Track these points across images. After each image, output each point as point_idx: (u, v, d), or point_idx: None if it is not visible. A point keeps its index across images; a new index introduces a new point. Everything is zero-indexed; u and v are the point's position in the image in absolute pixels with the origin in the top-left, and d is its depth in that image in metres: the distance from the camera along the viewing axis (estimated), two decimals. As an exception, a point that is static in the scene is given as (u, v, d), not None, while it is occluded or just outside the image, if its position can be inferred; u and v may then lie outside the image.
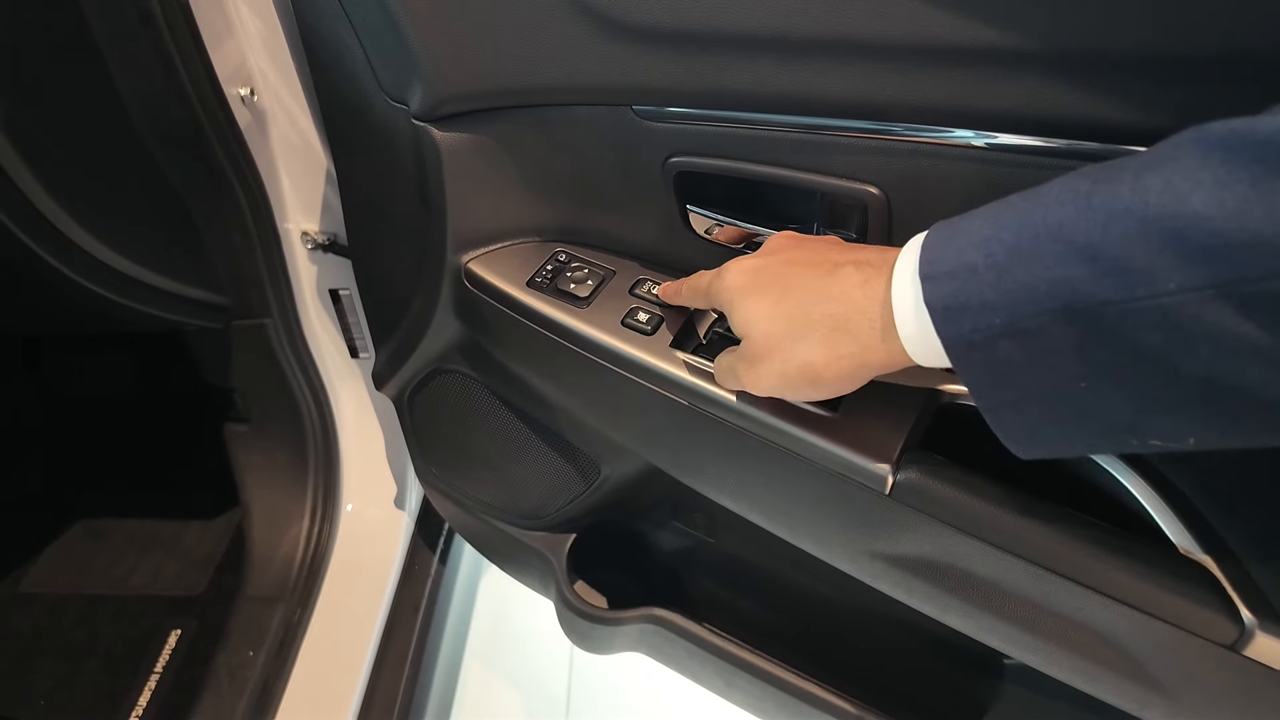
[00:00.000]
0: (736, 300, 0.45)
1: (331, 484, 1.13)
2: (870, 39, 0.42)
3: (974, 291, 0.33)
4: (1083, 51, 0.38)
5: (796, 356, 0.42)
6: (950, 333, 0.34)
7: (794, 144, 0.48)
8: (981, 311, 0.33)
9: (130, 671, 1.02)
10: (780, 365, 0.43)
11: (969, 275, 0.33)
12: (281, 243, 0.91)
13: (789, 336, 0.42)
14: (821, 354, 0.41)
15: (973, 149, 0.43)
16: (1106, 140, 0.39)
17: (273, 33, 0.76)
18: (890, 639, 0.78)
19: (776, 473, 0.55)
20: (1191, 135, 0.29)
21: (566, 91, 0.53)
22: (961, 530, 0.48)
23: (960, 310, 0.34)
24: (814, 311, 0.41)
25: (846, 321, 0.39)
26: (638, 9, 0.46)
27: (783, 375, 0.43)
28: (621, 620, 0.84)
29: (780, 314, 0.42)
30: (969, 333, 0.34)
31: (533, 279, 0.62)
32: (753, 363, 0.45)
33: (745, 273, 0.45)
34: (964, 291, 0.33)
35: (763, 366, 0.44)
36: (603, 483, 0.79)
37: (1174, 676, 0.45)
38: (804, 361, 0.41)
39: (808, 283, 0.42)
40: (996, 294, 0.32)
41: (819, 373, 0.41)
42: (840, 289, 0.40)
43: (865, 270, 0.40)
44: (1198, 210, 0.27)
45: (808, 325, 0.41)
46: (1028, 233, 0.32)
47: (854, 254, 0.42)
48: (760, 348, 0.44)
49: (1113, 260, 0.29)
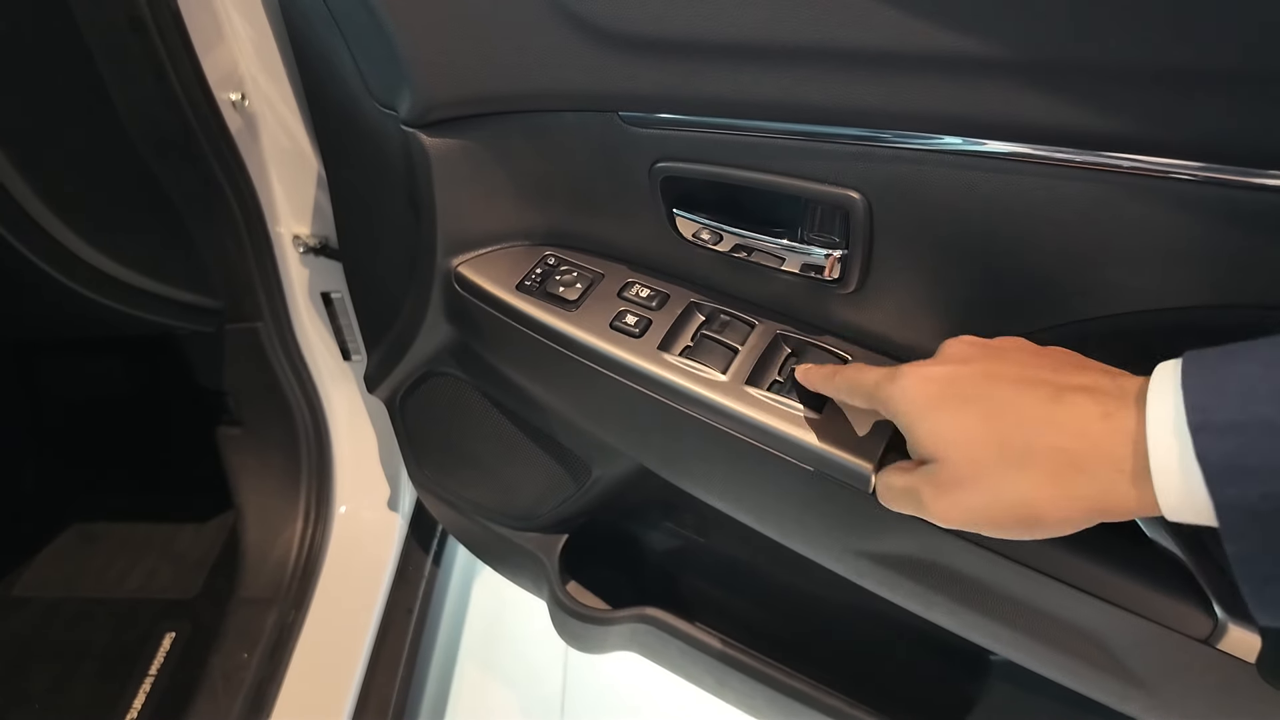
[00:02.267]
0: (924, 412, 0.39)
1: (325, 486, 1.13)
2: (852, 47, 0.42)
3: (1268, 451, 0.29)
4: (1062, 60, 0.38)
5: (1012, 491, 0.36)
6: (1228, 496, 0.30)
7: (778, 149, 0.49)
8: (1273, 476, 0.29)
9: (125, 674, 1.02)
10: (988, 498, 0.37)
11: (1261, 432, 0.29)
12: (273, 246, 0.92)
13: (1001, 464, 0.36)
14: (1047, 493, 0.35)
15: (954, 155, 0.44)
16: (1086, 148, 0.40)
17: (263, 39, 0.76)
18: (878, 636, 0.79)
19: (763, 472, 0.56)
20: None
21: (554, 98, 0.54)
22: (944, 529, 0.49)
23: (1247, 473, 0.29)
24: (1038, 441, 0.35)
25: (1082, 459, 0.34)
26: (623, 17, 0.47)
27: (988, 510, 0.37)
28: (614, 620, 0.84)
29: (990, 438, 0.36)
30: (1256, 500, 0.29)
31: (522, 282, 0.63)
32: (947, 489, 0.38)
33: (933, 381, 0.40)
34: (1254, 451, 0.29)
35: (962, 495, 0.38)
36: (594, 484, 0.79)
37: (1152, 670, 0.46)
38: (1022, 499, 0.35)
39: (1027, 406, 0.36)
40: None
41: (1040, 514, 0.35)
42: (1074, 419, 0.34)
43: (1103, 401, 0.34)
44: None
45: (1028, 456, 0.35)
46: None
47: (1078, 377, 0.36)
48: (961, 474, 0.37)
49: None
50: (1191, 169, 0.38)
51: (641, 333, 0.58)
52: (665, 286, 0.61)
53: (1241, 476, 0.29)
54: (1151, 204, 0.39)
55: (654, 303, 0.60)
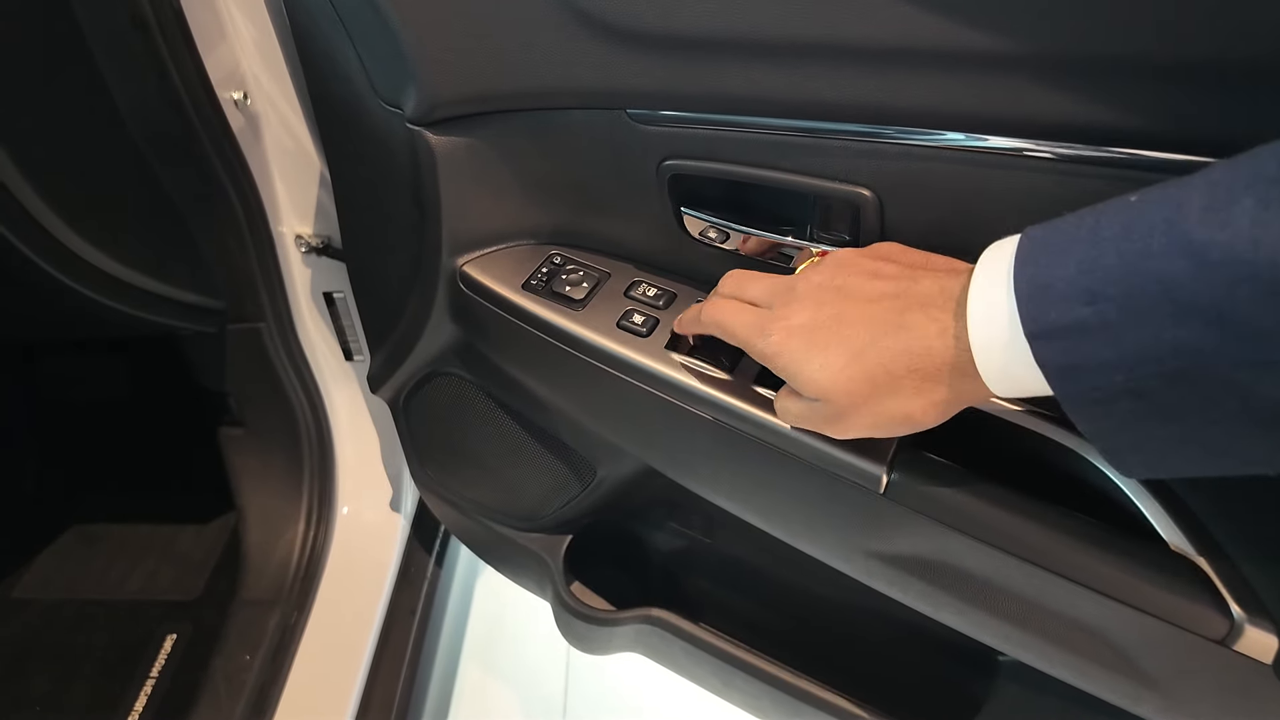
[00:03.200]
0: (793, 363, 0.44)
1: (327, 487, 1.13)
2: (862, 44, 0.42)
3: (1089, 352, 0.32)
4: (1072, 55, 0.38)
5: (889, 409, 0.42)
6: (1068, 390, 0.34)
7: (787, 147, 0.48)
8: (1100, 371, 0.32)
9: (126, 676, 1.01)
10: (871, 419, 0.43)
11: (1081, 335, 0.32)
12: (275, 246, 0.91)
13: (875, 394, 0.42)
14: (918, 403, 0.41)
15: (964, 151, 0.43)
16: (1098, 144, 0.40)
17: (266, 37, 0.76)
18: (886, 637, 0.79)
19: (771, 473, 0.55)
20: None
21: (561, 95, 0.53)
22: (955, 528, 0.48)
23: (1077, 369, 0.33)
24: (896, 368, 0.40)
25: (935, 373, 0.39)
26: (631, 13, 0.46)
27: (873, 426, 0.43)
28: (618, 621, 0.84)
29: (859, 374, 0.42)
30: (1088, 390, 0.33)
31: (528, 282, 0.63)
32: (836, 419, 0.45)
33: (795, 333, 0.44)
34: (1078, 351, 0.33)
35: (851, 421, 0.44)
36: (599, 484, 0.79)
37: (1166, 671, 0.46)
38: (899, 413, 0.42)
39: (879, 339, 0.41)
40: (1115, 354, 0.31)
41: (916, 419, 0.42)
42: (920, 343, 0.40)
43: (933, 314, 0.39)
44: None
45: (894, 381, 0.41)
46: (1138, 289, 0.30)
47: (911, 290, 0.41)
48: (844, 407, 0.43)
49: (1243, 324, 0.28)
50: (1204, 163, 0.37)
51: (649, 332, 0.58)
52: (672, 285, 0.61)
53: (1075, 374, 0.33)
54: None
55: (661, 301, 0.60)
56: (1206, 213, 0.29)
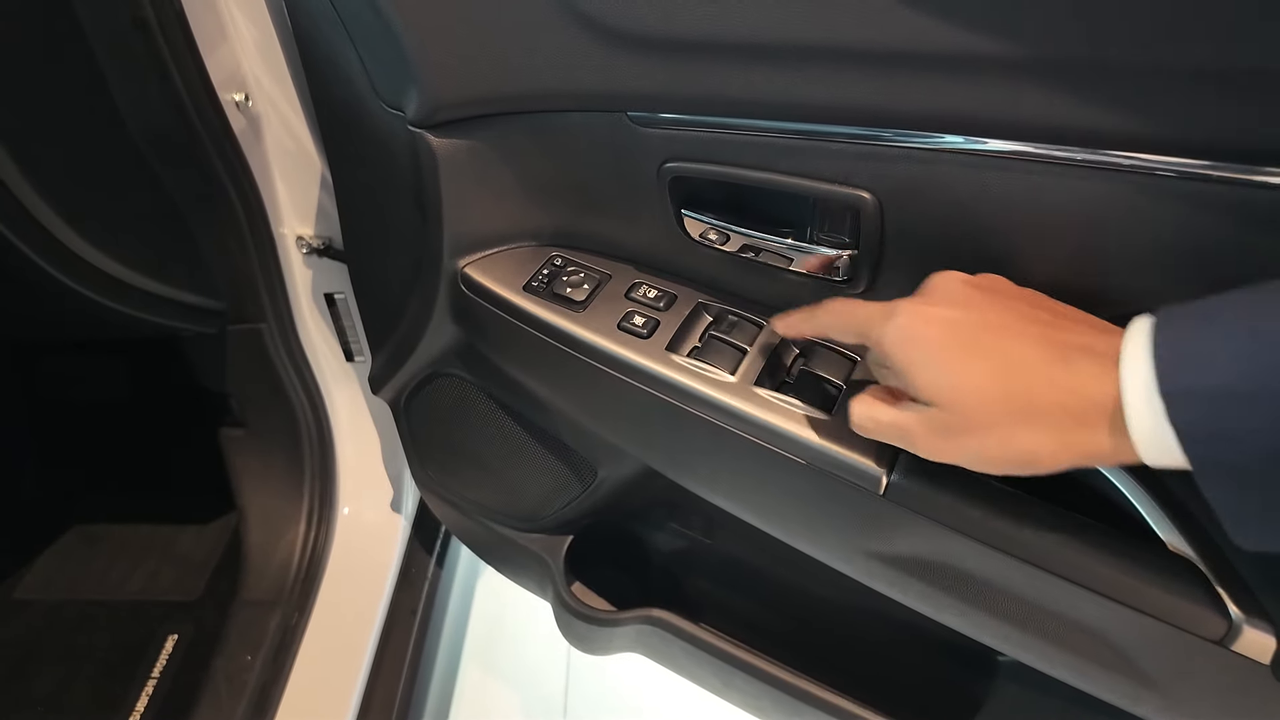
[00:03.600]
0: (926, 357, 0.41)
1: (328, 488, 1.13)
2: (862, 47, 0.42)
3: (1231, 418, 0.31)
4: (1071, 58, 0.38)
5: (1019, 442, 0.38)
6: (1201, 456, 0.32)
7: (788, 149, 0.49)
8: (1244, 440, 0.31)
9: (127, 676, 1.02)
10: (995, 448, 0.39)
11: (1228, 400, 0.31)
12: (276, 247, 0.92)
13: (1010, 419, 0.38)
14: (1051, 445, 0.38)
15: (965, 154, 0.44)
16: (1098, 147, 0.40)
17: (267, 38, 0.76)
18: (886, 637, 0.79)
19: (772, 474, 0.56)
20: None
21: (562, 98, 0.53)
22: (955, 529, 0.48)
23: (1216, 438, 0.32)
24: (1047, 398, 0.37)
25: (1083, 416, 0.36)
26: (632, 17, 0.47)
27: (987, 455, 0.40)
28: (619, 621, 0.84)
29: (1000, 393, 0.38)
30: (1229, 458, 0.32)
31: (529, 283, 0.63)
32: (948, 434, 0.41)
33: (934, 323, 0.41)
34: (1219, 418, 0.31)
35: (963, 442, 0.40)
36: (599, 485, 0.79)
37: (1164, 671, 0.46)
38: (1026, 449, 0.38)
39: (1038, 366, 0.38)
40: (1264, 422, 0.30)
41: (1038, 460, 0.38)
42: (1078, 381, 0.37)
43: (1099, 362, 0.37)
44: None
45: (1036, 413, 0.38)
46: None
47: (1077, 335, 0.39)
48: (967, 423, 0.40)
49: None
50: (1204, 168, 0.38)
51: (649, 333, 0.58)
52: (673, 287, 0.61)
53: (1213, 442, 0.32)
54: (1166, 203, 0.39)
55: (662, 303, 0.60)
56: None
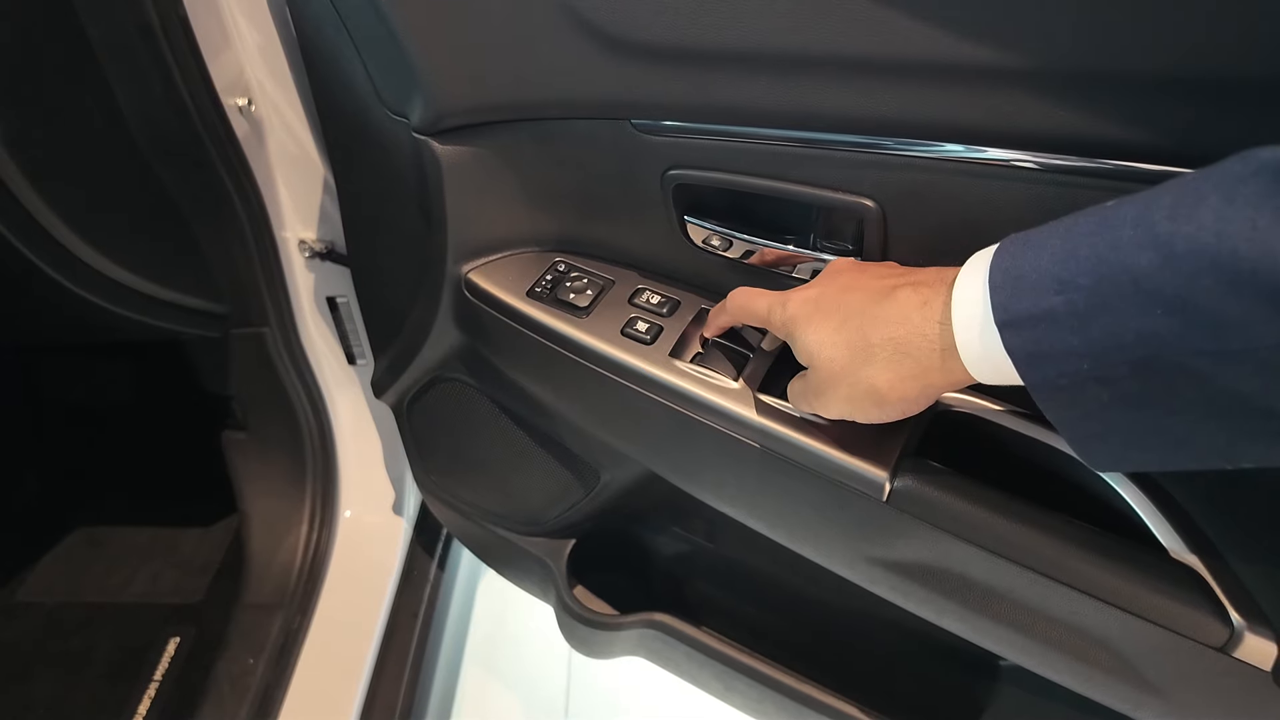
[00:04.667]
0: (799, 330, 0.45)
1: (330, 491, 1.13)
2: (865, 57, 0.42)
3: (1057, 339, 0.33)
4: (1071, 69, 0.38)
5: (861, 381, 0.42)
6: (1035, 378, 0.35)
7: (791, 158, 0.49)
8: (1066, 359, 0.33)
9: (130, 680, 1.02)
10: (846, 391, 0.43)
11: (1050, 323, 0.33)
12: (279, 251, 0.92)
13: (853, 362, 0.42)
14: (885, 377, 0.41)
15: (966, 163, 0.44)
16: (1096, 156, 0.40)
17: (270, 44, 0.76)
18: (887, 642, 0.79)
19: (774, 479, 0.56)
20: (1256, 163, 0.28)
21: (566, 106, 0.54)
22: (958, 536, 0.49)
23: (1044, 357, 0.34)
24: (874, 335, 0.41)
25: (906, 344, 0.40)
26: (636, 27, 0.47)
27: (849, 400, 0.44)
28: (621, 625, 0.84)
29: (841, 341, 0.43)
30: (1055, 378, 0.34)
31: (532, 289, 0.63)
32: (820, 390, 0.45)
33: (806, 302, 0.46)
34: (1046, 339, 0.34)
35: (830, 393, 0.45)
36: (602, 489, 0.79)
37: (1166, 678, 0.46)
38: (869, 385, 0.42)
39: (866, 307, 0.42)
40: (1081, 342, 0.32)
41: (884, 395, 0.42)
42: (899, 311, 0.40)
43: (922, 290, 0.40)
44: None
45: (869, 350, 0.41)
46: (1107, 279, 0.31)
47: (910, 275, 0.42)
48: (826, 375, 0.44)
49: (1203, 312, 0.29)
50: None
51: (652, 339, 0.58)
52: (676, 293, 0.61)
53: (1041, 362, 0.34)
54: None
55: (665, 309, 0.60)
56: (1175, 208, 0.30)
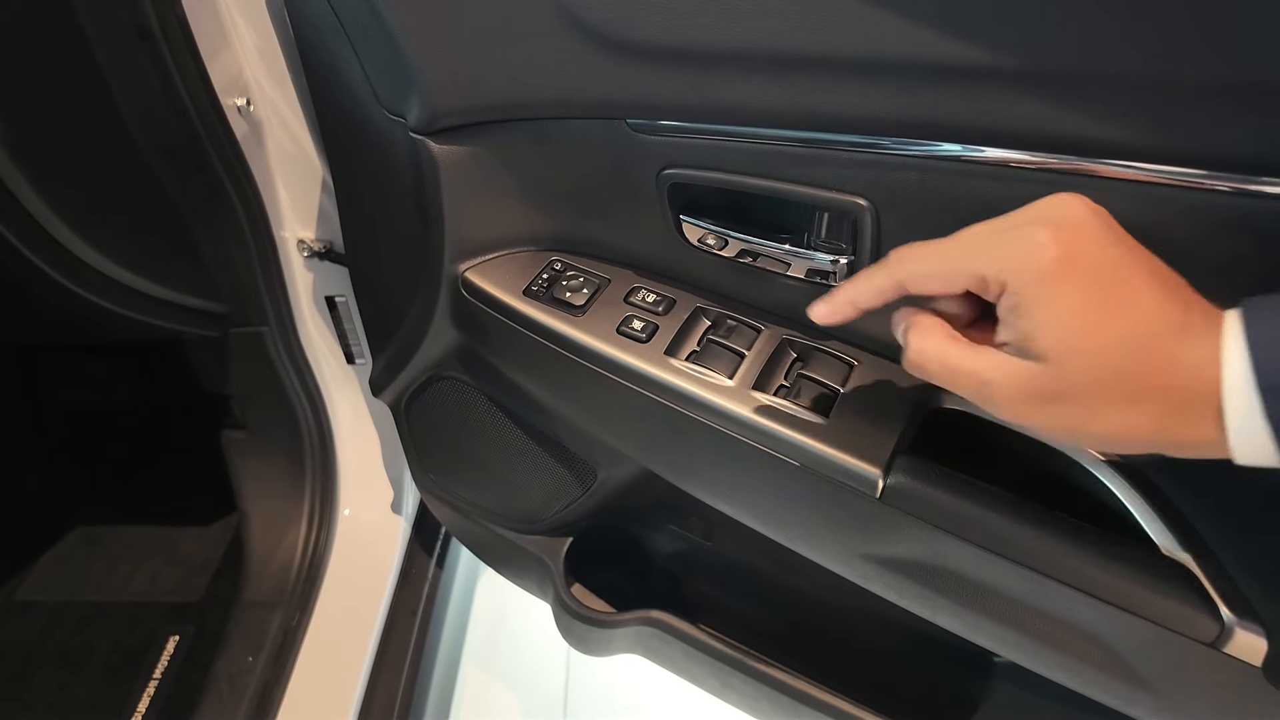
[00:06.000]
0: (1068, 303, 0.33)
1: (329, 489, 1.13)
2: (860, 56, 0.43)
3: None
4: (1066, 69, 0.39)
5: (1114, 420, 0.33)
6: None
7: (785, 157, 0.49)
8: None
9: (129, 678, 1.02)
10: (1088, 422, 0.33)
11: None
12: (278, 251, 0.92)
13: (1118, 395, 0.32)
14: (1148, 429, 0.32)
15: (959, 163, 0.44)
16: (1092, 156, 0.40)
17: (269, 45, 0.76)
18: (883, 639, 0.79)
19: (770, 477, 0.56)
20: None
21: (562, 106, 0.54)
22: (951, 533, 0.49)
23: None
24: (1160, 379, 0.32)
25: (1187, 403, 0.31)
26: (631, 27, 0.47)
27: (1080, 433, 0.34)
28: (618, 623, 0.85)
29: (1117, 362, 0.32)
30: None
31: (529, 288, 0.63)
32: (1048, 400, 0.34)
33: (1083, 267, 0.33)
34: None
35: (1061, 409, 0.34)
36: (599, 487, 0.79)
37: (1158, 673, 0.46)
38: (1120, 431, 0.33)
39: (1163, 334, 0.32)
40: None
41: (1132, 444, 0.33)
42: (1196, 363, 0.31)
43: (1211, 342, 0.31)
44: None
45: (1147, 392, 0.32)
46: None
47: (1197, 309, 0.32)
48: (1073, 390, 0.33)
49: None
50: (1198, 177, 0.38)
51: (648, 338, 0.59)
52: (672, 292, 0.61)
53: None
54: (1160, 212, 0.40)
55: (661, 308, 0.60)
56: None
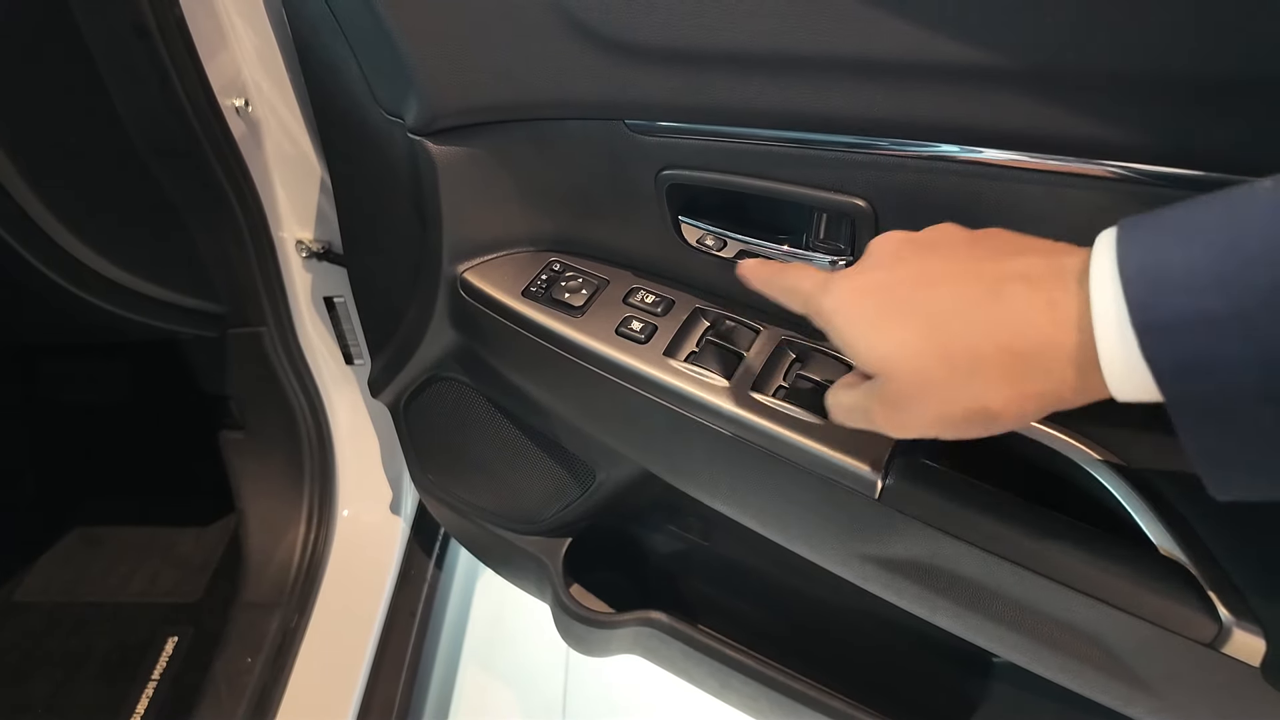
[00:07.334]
0: (861, 327, 0.38)
1: (327, 490, 1.13)
2: (858, 57, 0.43)
3: (1219, 350, 0.27)
4: (1066, 70, 0.39)
5: (965, 398, 0.35)
6: (1180, 393, 0.29)
7: (784, 158, 0.49)
8: (1228, 371, 0.27)
9: (128, 679, 1.02)
10: (940, 408, 0.36)
11: (1208, 329, 0.27)
12: (276, 251, 0.92)
13: (952, 376, 0.35)
14: (1002, 394, 0.34)
15: (960, 163, 0.44)
16: (1090, 157, 0.40)
17: (267, 44, 0.76)
18: (881, 639, 0.79)
19: (768, 478, 0.56)
20: None
21: (560, 106, 0.54)
22: (949, 533, 0.49)
23: (1197, 370, 0.28)
24: (984, 344, 0.33)
25: (1032, 356, 0.32)
26: (630, 27, 0.47)
27: (943, 418, 0.36)
28: (617, 623, 0.85)
29: (933, 349, 0.35)
30: (1209, 393, 0.28)
31: (528, 288, 0.63)
32: (899, 406, 0.38)
33: (862, 292, 0.38)
34: (1205, 349, 0.28)
35: (915, 410, 0.37)
36: (598, 487, 0.79)
37: (1156, 674, 0.46)
38: (977, 404, 0.34)
39: (966, 308, 0.34)
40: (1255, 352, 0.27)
41: (997, 415, 0.34)
42: (1017, 315, 0.33)
43: (1043, 288, 0.32)
44: None
45: (977, 362, 0.34)
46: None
47: (1014, 262, 0.34)
48: (909, 389, 0.36)
49: None
50: (1197, 177, 0.38)
51: (647, 338, 0.59)
52: (670, 292, 0.61)
53: (1196, 375, 0.28)
54: None
55: (659, 309, 0.60)
56: None
